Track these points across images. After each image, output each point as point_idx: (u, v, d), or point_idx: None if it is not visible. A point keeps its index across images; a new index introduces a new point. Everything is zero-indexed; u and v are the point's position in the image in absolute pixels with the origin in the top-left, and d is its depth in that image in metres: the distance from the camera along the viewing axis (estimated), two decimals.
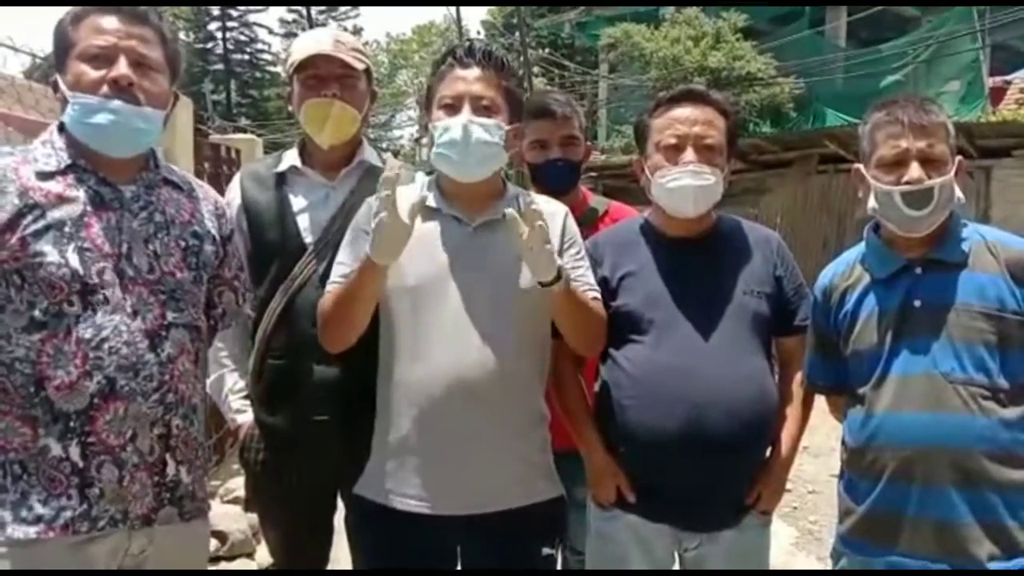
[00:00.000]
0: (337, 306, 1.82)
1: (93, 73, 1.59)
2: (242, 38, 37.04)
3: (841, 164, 10.37)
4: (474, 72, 1.85)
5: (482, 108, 1.83)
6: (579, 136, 2.52)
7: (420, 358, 1.82)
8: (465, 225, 1.87)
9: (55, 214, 1.57)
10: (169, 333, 1.66)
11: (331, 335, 1.87)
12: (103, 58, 1.60)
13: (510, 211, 1.71)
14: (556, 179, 2.46)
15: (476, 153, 1.81)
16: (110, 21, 1.62)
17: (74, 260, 1.56)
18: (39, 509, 1.54)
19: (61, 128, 1.65)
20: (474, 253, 1.85)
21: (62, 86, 1.62)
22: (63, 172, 1.61)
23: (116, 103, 1.59)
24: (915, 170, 1.75)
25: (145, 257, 1.65)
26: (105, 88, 1.59)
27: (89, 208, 1.60)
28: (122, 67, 1.60)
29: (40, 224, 1.55)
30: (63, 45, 1.63)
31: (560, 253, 1.90)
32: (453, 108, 1.84)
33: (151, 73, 1.64)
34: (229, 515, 3.75)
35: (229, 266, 1.88)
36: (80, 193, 1.61)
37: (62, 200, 1.59)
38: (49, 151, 1.63)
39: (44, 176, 1.60)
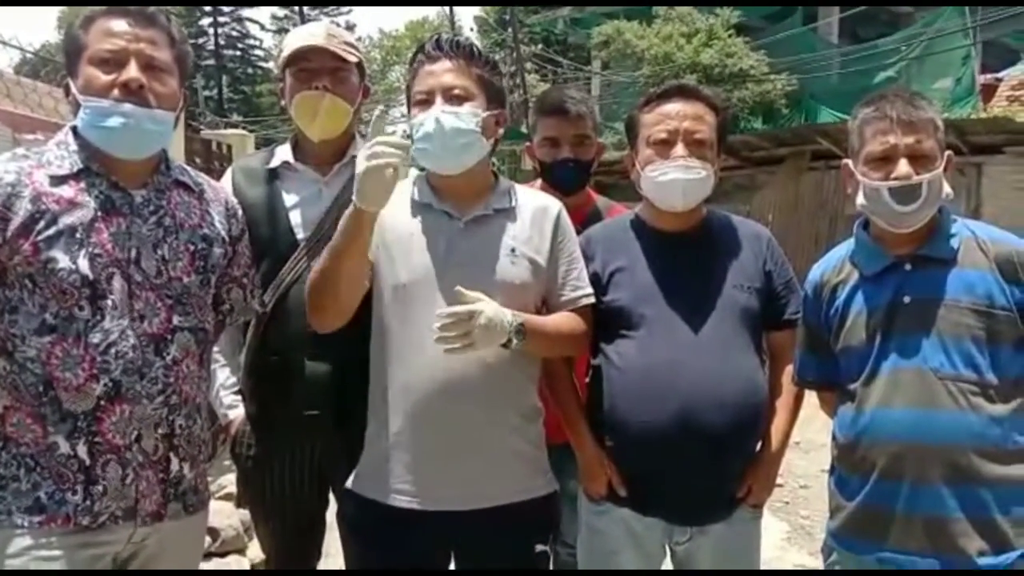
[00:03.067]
0: (323, 271, 1.75)
1: (104, 77, 1.60)
2: (234, 34, 36.96)
3: (833, 160, 10.36)
4: (443, 64, 1.85)
5: (454, 97, 1.83)
6: (591, 135, 2.50)
7: (413, 354, 1.81)
8: (456, 220, 1.87)
9: (66, 220, 1.58)
10: (175, 337, 1.68)
11: (318, 305, 1.79)
12: (113, 61, 1.61)
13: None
14: (566, 179, 2.45)
15: (452, 143, 1.81)
16: (120, 24, 1.63)
17: (84, 266, 1.58)
18: (44, 500, 1.57)
19: (75, 131, 1.65)
20: (465, 248, 1.85)
21: (74, 90, 1.63)
22: (75, 176, 1.62)
23: (127, 106, 1.60)
24: (903, 167, 1.75)
25: (153, 262, 1.66)
26: (116, 92, 1.60)
27: (100, 213, 1.62)
28: (132, 71, 1.61)
29: (52, 230, 1.57)
30: (74, 49, 1.63)
31: (552, 251, 1.91)
32: (426, 103, 1.84)
33: (161, 75, 1.65)
34: (221, 511, 3.72)
35: (238, 264, 1.89)
36: (91, 198, 1.62)
37: (73, 205, 1.60)
38: (63, 154, 1.64)
39: (57, 180, 1.61)
